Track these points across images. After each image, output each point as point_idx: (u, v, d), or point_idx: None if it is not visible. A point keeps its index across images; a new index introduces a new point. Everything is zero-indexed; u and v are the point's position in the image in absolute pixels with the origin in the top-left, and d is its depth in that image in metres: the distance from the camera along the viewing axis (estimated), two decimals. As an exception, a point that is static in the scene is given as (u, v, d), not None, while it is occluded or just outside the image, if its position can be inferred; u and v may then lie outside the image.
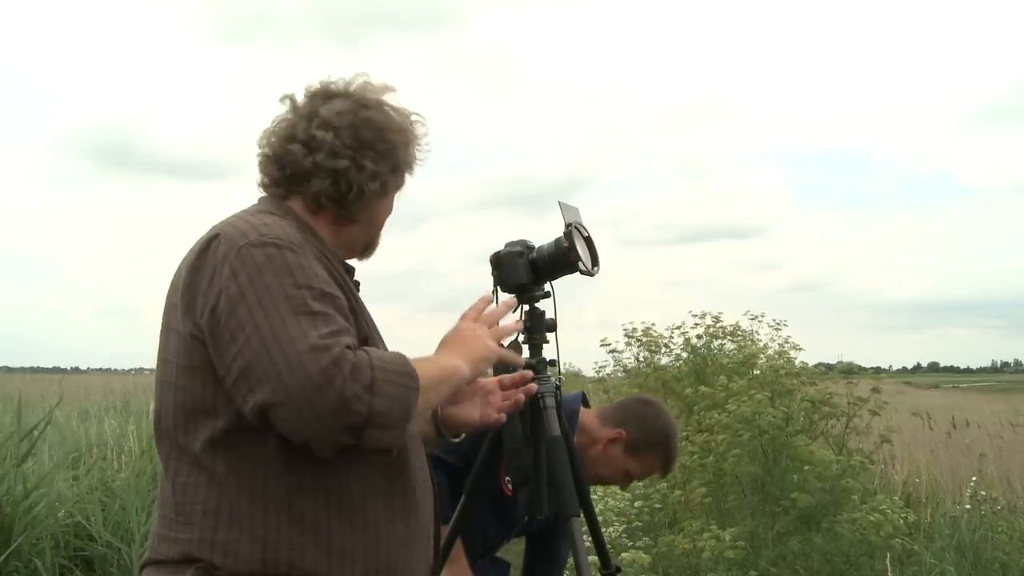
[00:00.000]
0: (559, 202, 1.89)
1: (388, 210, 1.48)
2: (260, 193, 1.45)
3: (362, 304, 1.39)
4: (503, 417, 1.60)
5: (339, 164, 1.36)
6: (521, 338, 1.80)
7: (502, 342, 1.50)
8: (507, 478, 1.92)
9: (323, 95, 1.41)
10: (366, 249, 1.50)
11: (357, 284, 1.45)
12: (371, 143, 1.38)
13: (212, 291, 1.21)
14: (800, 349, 5.94)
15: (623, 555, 3.69)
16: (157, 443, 1.32)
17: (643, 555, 3.73)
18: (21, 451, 4.28)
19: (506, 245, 1.89)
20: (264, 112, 1.55)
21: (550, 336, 1.88)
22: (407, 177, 1.48)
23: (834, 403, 4.59)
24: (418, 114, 1.47)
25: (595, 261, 1.88)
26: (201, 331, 1.22)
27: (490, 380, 1.61)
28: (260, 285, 1.19)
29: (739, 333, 6.63)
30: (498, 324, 1.53)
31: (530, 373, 1.67)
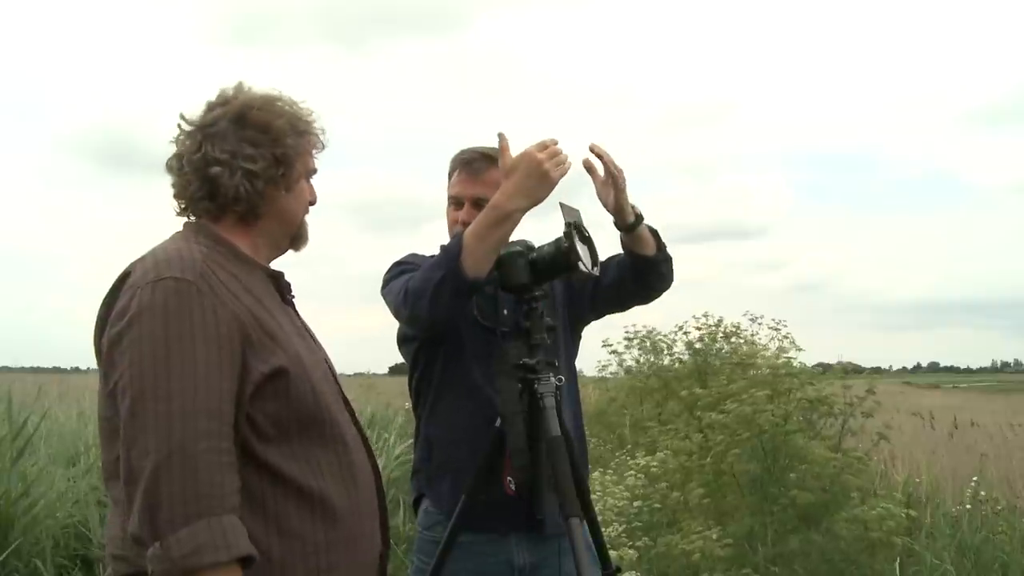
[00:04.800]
0: (560, 203, 1.89)
1: (300, 200, 1.51)
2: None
3: (283, 312, 1.45)
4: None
5: (212, 171, 1.40)
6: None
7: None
8: (509, 478, 1.91)
9: (207, 110, 1.45)
10: (294, 241, 1.54)
11: (288, 286, 1.52)
12: (248, 141, 1.41)
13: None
14: (800, 349, 5.95)
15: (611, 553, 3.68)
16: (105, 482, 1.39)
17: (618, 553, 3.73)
18: (14, 450, 4.27)
19: (507, 245, 1.89)
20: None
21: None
22: (309, 162, 1.51)
23: (831, 402, 4.60)
24: (302, 102, 1.51)
25: (595, 262, 1.88)
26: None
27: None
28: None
29: (739, 334, 6.64)
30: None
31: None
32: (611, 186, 1.95)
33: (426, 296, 1.81)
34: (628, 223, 1.98)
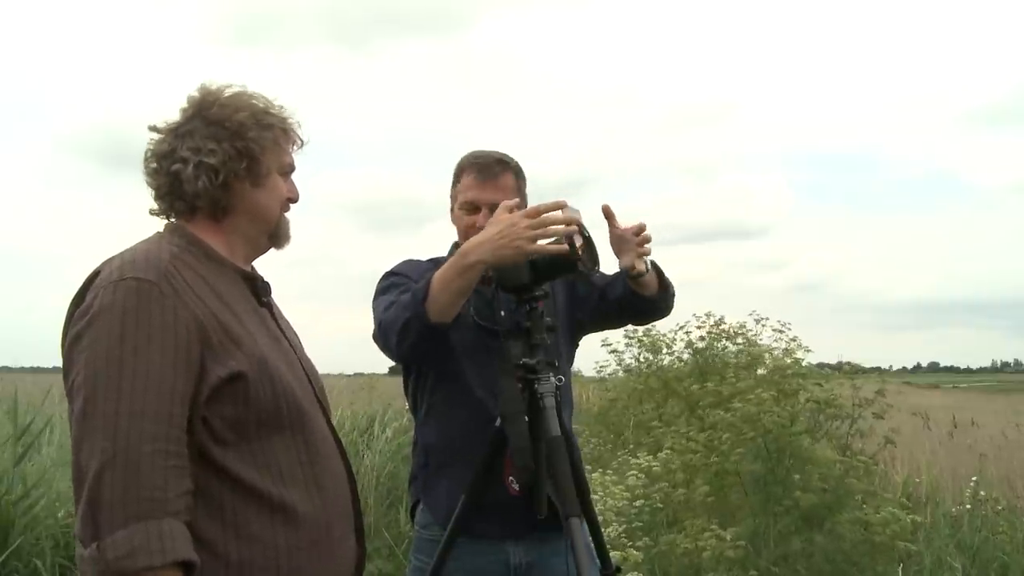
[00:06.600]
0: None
1: (272, 195, 1.47)
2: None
3: (254, 315, 1.42)
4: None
5: (174, 168, 1.39)
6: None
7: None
8: (511, 478, 1.91)
9: (181, 113, 1.44)
10: (272, 239, 1.51)
11: (266, 288, 1.49)
12: (210, 137, 1.40)
13: None
14: (809, 351, 5.95)
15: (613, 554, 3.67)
16: None
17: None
18: (18, 452, 4.27)
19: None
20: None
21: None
22: (282, 157, 1.48)
23: (839, 404, 4.59)
24: (275, 99, 1.48)
25: (595, 262, 1.87)
26: None
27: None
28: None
29: (742, 333, 6.63)
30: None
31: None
32: (631, 249, 1.92)
33: (394, 333, 1.83)
34: (634, 275, 1.96)
